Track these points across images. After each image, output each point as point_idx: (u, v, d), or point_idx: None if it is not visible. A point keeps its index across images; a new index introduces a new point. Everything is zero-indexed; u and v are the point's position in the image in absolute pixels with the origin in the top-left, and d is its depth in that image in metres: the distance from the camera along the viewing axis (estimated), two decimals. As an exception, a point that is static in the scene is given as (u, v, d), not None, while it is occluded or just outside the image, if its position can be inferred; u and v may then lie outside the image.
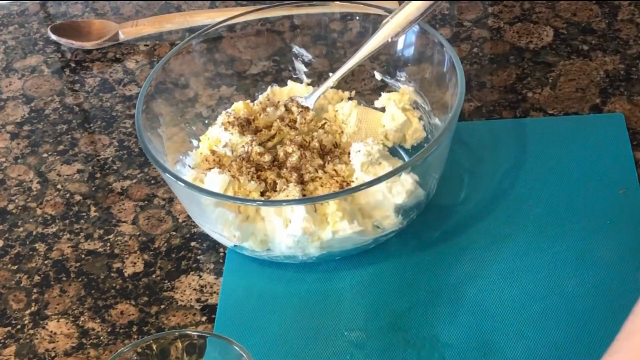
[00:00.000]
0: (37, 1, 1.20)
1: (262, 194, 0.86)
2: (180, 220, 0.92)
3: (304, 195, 0.85)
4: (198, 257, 0.89)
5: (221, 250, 0.89)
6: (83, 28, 1.13)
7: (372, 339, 0.80)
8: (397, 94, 0.94)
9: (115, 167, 0.98)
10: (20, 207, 0.95)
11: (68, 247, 0.91)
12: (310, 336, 0.81)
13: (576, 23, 1.07)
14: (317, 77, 0.98)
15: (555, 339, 0.79)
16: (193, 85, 0.96)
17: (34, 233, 0.93)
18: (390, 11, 0.92)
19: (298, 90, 0.96)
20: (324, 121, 0.92)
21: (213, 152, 0.90)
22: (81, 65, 1.11)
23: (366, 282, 0.85)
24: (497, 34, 1.07)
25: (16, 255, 0.91)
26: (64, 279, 0.89)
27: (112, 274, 0.88)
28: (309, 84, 0.97)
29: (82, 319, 0.85)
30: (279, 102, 0.94)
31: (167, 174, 0.83)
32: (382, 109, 0.94)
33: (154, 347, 0.73)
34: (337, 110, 0.94)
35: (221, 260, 0.88)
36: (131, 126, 1.02)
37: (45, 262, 0.90)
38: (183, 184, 0.83)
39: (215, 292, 0.86)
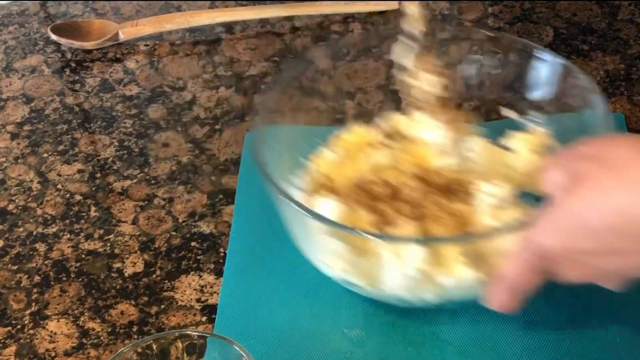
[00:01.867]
0: (37, 1, 1.20)
1: (375, 227, 0.80)
2: (180, 220, 0.92)
3: (421, 234, 0.79)
4: (198, 257, 0.89)
5: (221, 250, 0.89)
6: (83, 28, 1.13)
7: (372, 338, 0.80)
8: (529, 135, 0.87)
9: (115, 167, 0.98)
10: (20, 207, 0.95)
11: (68, 247, 0.91)
12: (310, 336, 0.81)
13: (576, 23, 1.07)
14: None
15: (555, 338, 0.79)
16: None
17: (34, 233, 0.93)
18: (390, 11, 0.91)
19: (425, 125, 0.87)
20: None
21: (326, 176, 0.84)
22: (81, 65, 1.11)
23: (366, 282, 0.85)
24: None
25: (16, 255, 0.91)
26: (64, 279, 0.89)
27: (112, 274, 0.88)
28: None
29: (82, 319, 0.85)
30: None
31: (284, 197, 0.76)
32: (510, 149, 0.87)
33: (154, 347, 0.73)
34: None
35: (221, 260, 0.88)
36: (131, 126, 1.02)
37: (46, 262, 0.90)
38: (303, 211, 0.75)
39: (215, 292, 0.86)
